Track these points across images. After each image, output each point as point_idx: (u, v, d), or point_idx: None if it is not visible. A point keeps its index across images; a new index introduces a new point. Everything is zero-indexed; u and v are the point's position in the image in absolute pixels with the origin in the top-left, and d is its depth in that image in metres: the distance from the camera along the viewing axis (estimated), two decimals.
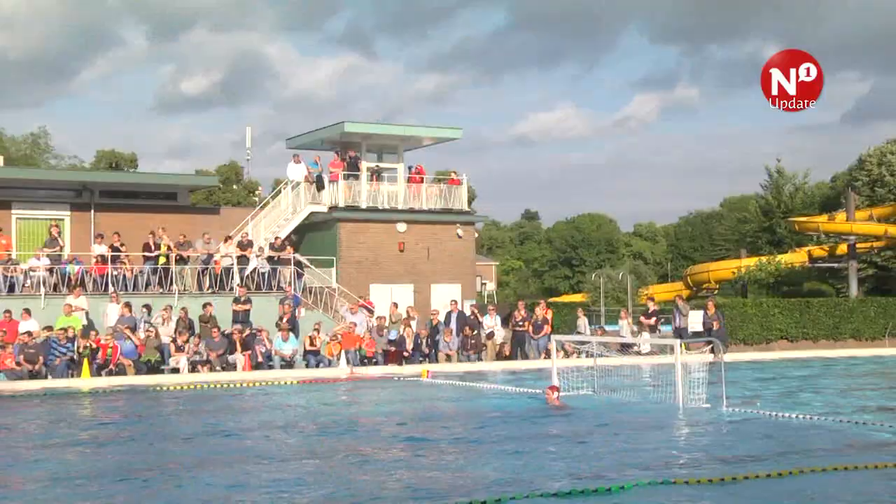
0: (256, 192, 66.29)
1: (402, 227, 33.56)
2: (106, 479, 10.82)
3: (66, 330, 23.82)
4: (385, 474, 10.95)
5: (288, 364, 25.33)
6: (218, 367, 24.44)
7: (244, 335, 25.34)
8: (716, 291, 47.75)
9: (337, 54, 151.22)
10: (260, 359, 25.13)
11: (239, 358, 24.73)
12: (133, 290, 27.69)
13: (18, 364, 22.61)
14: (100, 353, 23.44)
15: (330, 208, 32.99)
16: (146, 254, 28.50)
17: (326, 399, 19.98)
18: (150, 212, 32.15)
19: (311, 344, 25.92)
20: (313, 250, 32.64)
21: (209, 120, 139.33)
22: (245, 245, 29.79)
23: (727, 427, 14.75)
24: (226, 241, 29.78)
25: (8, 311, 24.44)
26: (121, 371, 23.39)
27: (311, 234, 33.89)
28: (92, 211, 31.50)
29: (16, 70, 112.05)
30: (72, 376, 22.94)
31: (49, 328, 24.00)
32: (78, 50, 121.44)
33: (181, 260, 28.91)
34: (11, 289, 26.56)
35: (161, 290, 28.14)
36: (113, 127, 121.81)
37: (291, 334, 25.97)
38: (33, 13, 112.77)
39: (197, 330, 25.69)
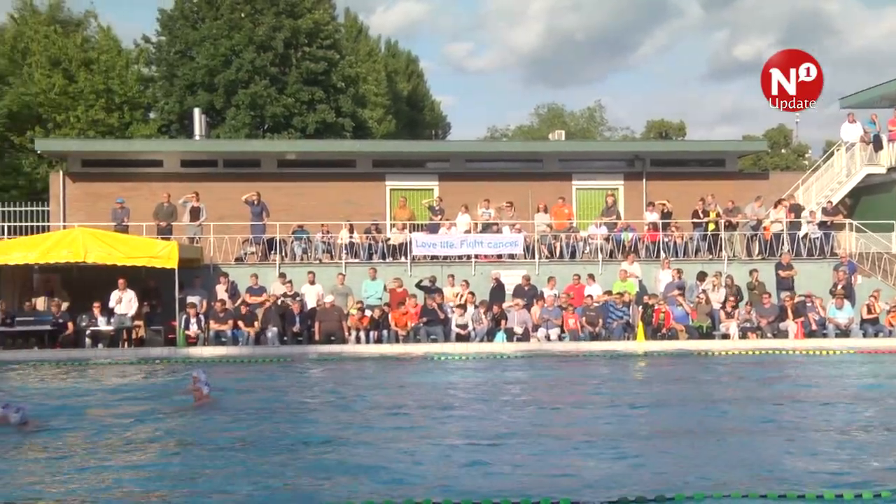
0: (806, 156, 64.35)
1: None
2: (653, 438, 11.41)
3: (622, 294, 25.15)
4: None
5: (843, 333, 24.40)
6: (769, 334, 24.28)
7: (794, 302, 24.87)
8: None
9: None
10: (813, 327, 24.50)
11: (791, 325, 24.34)
12: (683, 256, 28.39)
13: (581, 326, 24.39)
14: (653, 318, 24.42)
15: (889, 169, 31.17)
16: (695, 220, 29.07)
17: (887, 370, 18.96)
18: (699, 179, 32.64)
19: (869, 312, 24.72)
20: (870, 214, 30.97)
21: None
22: (796, 210, 29.11)
23: None
24: (776, 206, 29.34)
25: (577, 275, 26.38)
26: (673, 336, 24.18)
27: (868, 198, 32.18)
28: (644, 180, 32.76)
29: (581, 49, 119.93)
30: (627, 339, 24.20)
31: (608, 293, 25.49)
32: (638, 24, 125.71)
33: (730, 226, 29.04)
34: (573, 255, 28.59)
35: (710, 257, 28.51)
36: (664, 97, 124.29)
37: (847, 302, 24.94)
38: None
39: (745, 296, 25.70)
